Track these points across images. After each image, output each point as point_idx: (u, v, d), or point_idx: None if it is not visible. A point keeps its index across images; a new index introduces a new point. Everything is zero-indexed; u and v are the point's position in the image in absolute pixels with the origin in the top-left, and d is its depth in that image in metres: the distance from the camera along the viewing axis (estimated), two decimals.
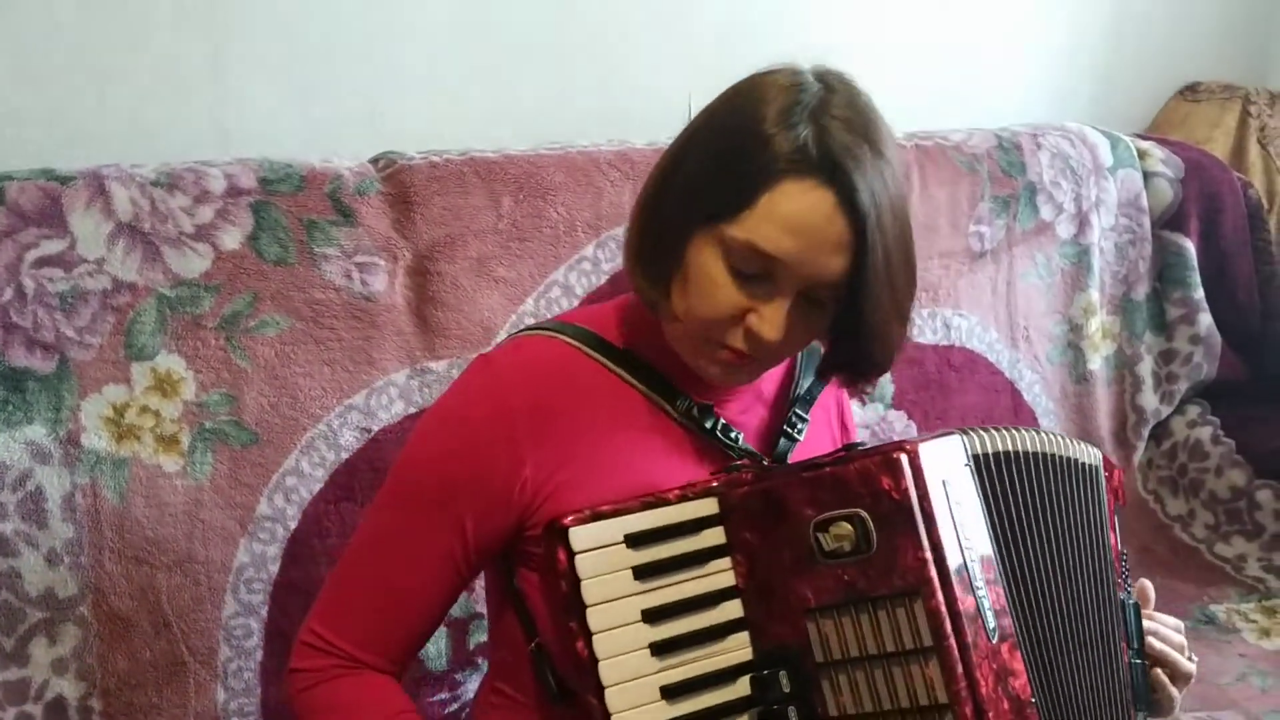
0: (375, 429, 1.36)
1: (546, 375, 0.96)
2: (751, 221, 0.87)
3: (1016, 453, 0.92)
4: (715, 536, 0.90)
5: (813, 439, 1.05)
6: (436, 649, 1.39)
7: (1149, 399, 1.93)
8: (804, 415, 1.03)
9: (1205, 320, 1.94)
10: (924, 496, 0.82)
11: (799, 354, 1.06)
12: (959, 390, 1.77)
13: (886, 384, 1.71)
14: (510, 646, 1.00)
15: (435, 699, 1.39)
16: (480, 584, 1.40)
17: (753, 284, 0.89)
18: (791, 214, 0.86)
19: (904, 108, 2.02)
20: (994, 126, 1.90)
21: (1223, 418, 1.95)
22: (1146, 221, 1.94)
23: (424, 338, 1.39)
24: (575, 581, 0.86)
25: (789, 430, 1.02)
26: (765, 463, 0.98)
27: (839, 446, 1.06)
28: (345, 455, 1.34)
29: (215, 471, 1.28)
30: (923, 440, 0.85)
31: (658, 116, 1.84)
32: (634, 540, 0.88)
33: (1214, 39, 2.47)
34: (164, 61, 1.47)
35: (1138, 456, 1.94)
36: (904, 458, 0.83)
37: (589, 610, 0.85)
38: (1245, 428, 1.93)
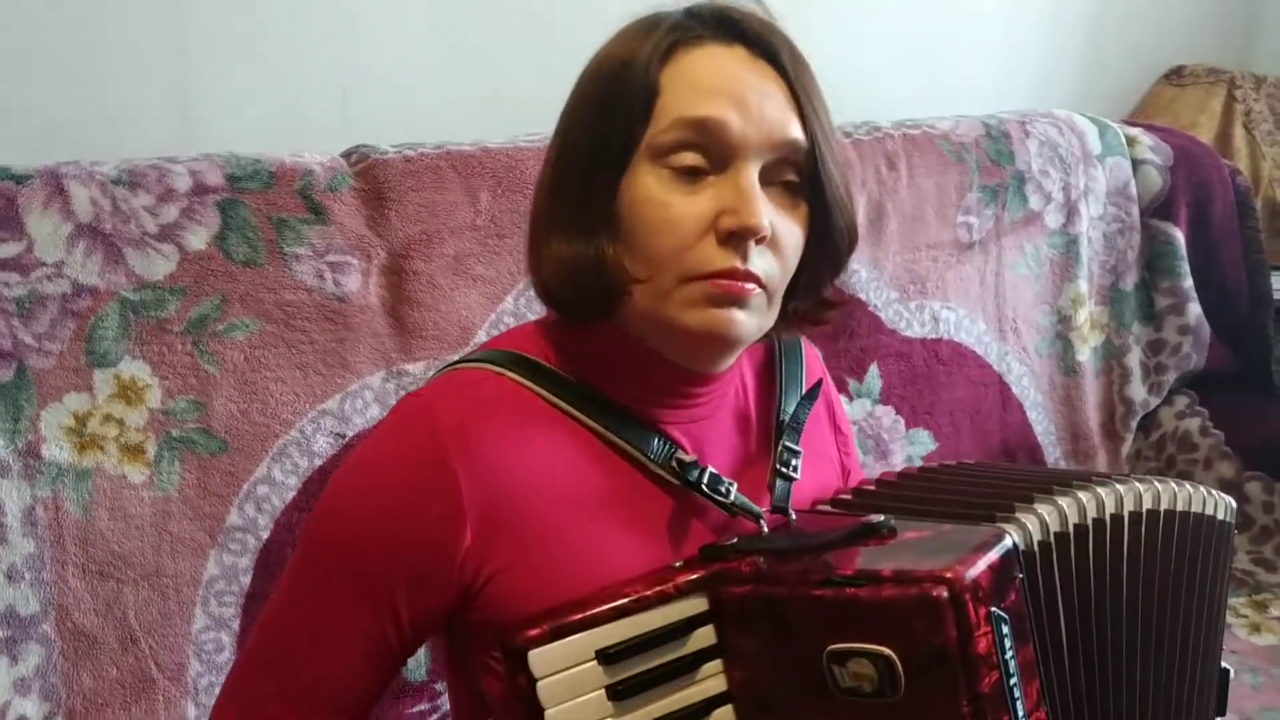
0: (350, 434, 1.31)
1: (486, 417, 0.79)
2: (666, 105, 0.76)
3: (1099, 520, 0.82)
4: (705, 637, 0.78)
5: (811, 464, 0.92)
6: (415, 660, 1.35)
7: (1137, 390, 1.91)
8: (795, 447, 0.89)
9: (1194, 310, 1.92)
10: (966, 642, 0.69)
11: (778, 373, 0.93)
12: (947, 384, 1.74)
13: (874, 379, 1.68)
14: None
15: (414, 710, 1.35)
16: None
17: (704, 182, 0.77)
18: (705, 73, 0.77)
19: (888, 91, 2.02)
20: (979, 113, 1.87)
21: (1211, 409, 1.94)
22: (1135, 210, 1.92)
23: (400, 339, 1.34)
24: (537, 709, 0.72)
25: (783, 470, 0.87)
26: (764, 524, 0.82)
27: (844, 490, 0.94)
28: (319, 462, 1.30)
29: (183, 481, 1.23)
30: (964, 560, 0.71)
31: None
32: (607, 657, 0.74)
33: (1199, 21, 2.45)
34: (124, 45, 1.41)
35: (1126, 448, 1.92)
36: (946, 596, 0.68)
37: None
38: (1234, 419, 1.92)
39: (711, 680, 0.78)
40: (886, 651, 0.70)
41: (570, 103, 0.84)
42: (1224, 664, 0.96)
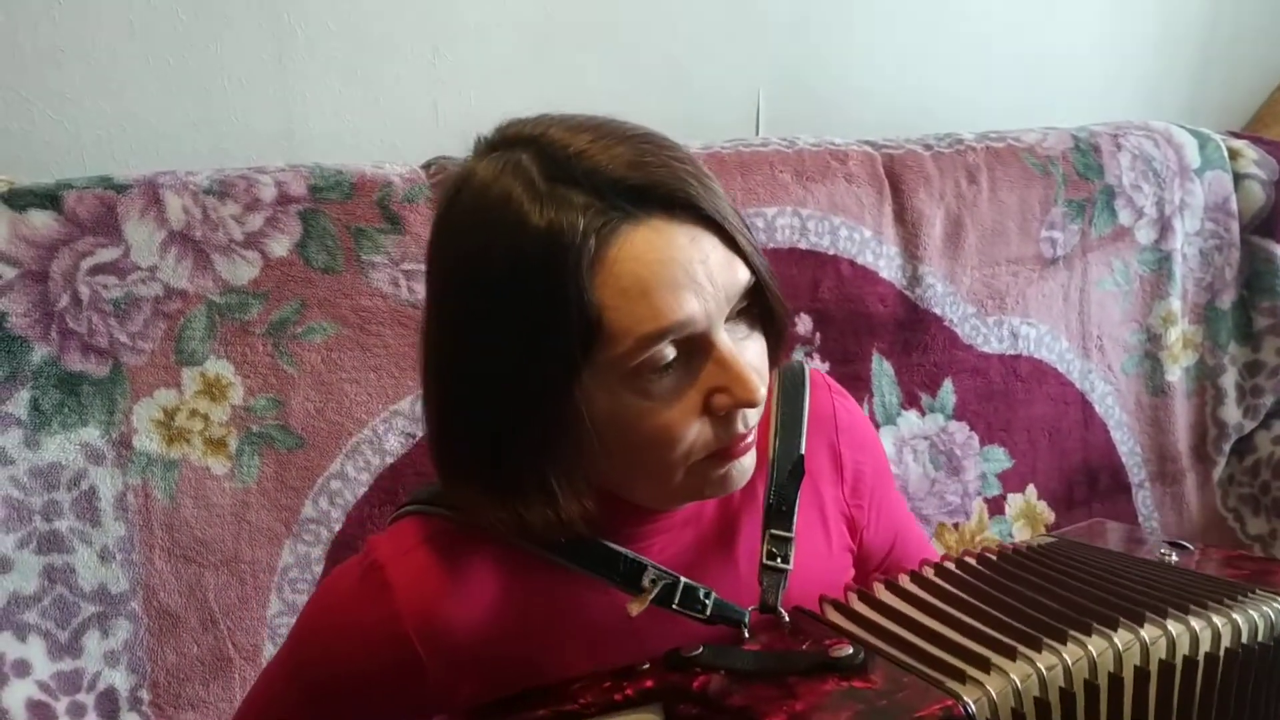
0: (419, 434, 1.37)
1: (444, 576, 0.77)
2: (615, 325, 0.67)
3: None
4: None
5: (812, 545, 0.86)
6: None
7: (1231, 412, 1.85)
8: (785, 534, 0.82)
9: None
10: None
11: (772, 443, 0.85)
12: (1025, 401, 1.72)
13: (948, 394, 1.67)
14: None
15: None
16: None
17: (683, 371, 0.70)
18: (642, 271, 0.67)
19: (982, 105, 1.99)
20: (1072, 126, 1.83)
21: None
22: (1235, 226, 1.85)
23: None
24: None
25: (769, 564, 0.80)
26: (746, 629, 0.77)
27: (850, 588, 0.84)
28: (390, 460, 1.36)
29: (262, 474, 1.31)
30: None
31: (722, 118, 1.84)
32: None
33: None
34: (231, 61, 1.51)
35: (1218, 472, 1.86)
36: None
37: None
38: None
39: None
40: None
41: (455, 321, 0.73)
42: None
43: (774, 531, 0.82)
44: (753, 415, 0.74)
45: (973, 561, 0.87)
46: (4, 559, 1.20)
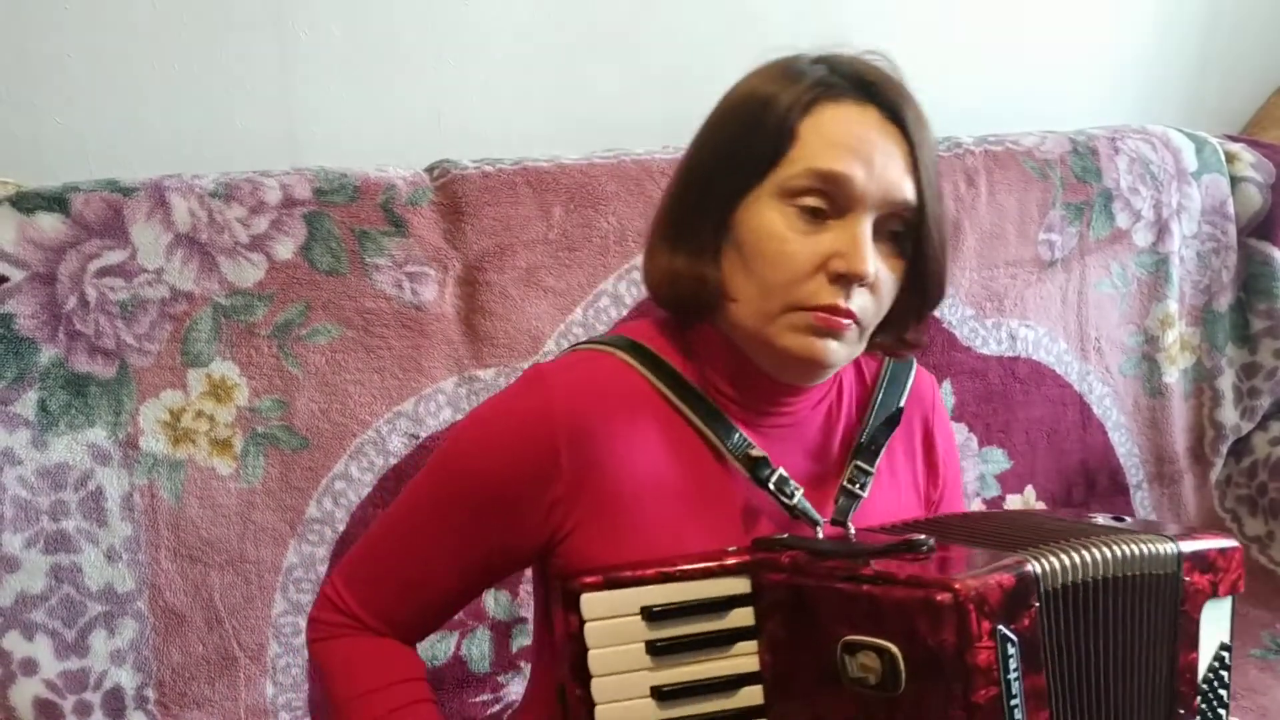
0: (423, 435, 1.38)
1: (598, 394, 0.90)
2: (801, 152, 0.84)
3: (1084, 583, 0.81)
4: (744, 617, 0.84)
5: (887, 489, 0.97)
6: (480, 651, 1.41)
7: (1229, 414, 1.86)
8: (867, 468, 0.94)
9: None
10: (965, 649, 0.72)
11: (875, 396, 0.99)
12: (1024, 403, 1.73)
13: (947, 395, 1.68)
14: (546, 669, 0.99)
15: (478, 699, 1.41)
16: (526, 587, 1.43)
17: (823, 225, 0.84)
18: (840, 130, 0.84)
19: (980, 111, 2.00)
20: (1070, 130, 1.84)
21: None
22: (1232, 229, 1.87)
23: (472, 346, 1.41)
24: (583, 649, 0.81)
25: (850, 487, 0.93)
26: (820, 531, 0.88)
27: (914, 519, 0.98)
28: (393, 461, 1.37)
29: (267, 475, 1.32)
30: (978, 576, 0.74)
31: None
32: (651, 614, 0.82)
33: None
34: (234, 67, 1.52)
35: (1215, 473, 1.87)
36: (948, 601, 0.72)
37: (593, 681, 0.82)
38: None
39: (745, 659, 0.84)
40: (891, 647, 0.75)
41: (706, 127, 0.92)
42: None
43: (859, 463, 0.94)
44: (859, 298, 0.85)
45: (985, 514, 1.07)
46: (12, 558, 1.21)
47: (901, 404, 0.99)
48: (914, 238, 0.88)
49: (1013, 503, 1.72)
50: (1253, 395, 1.87)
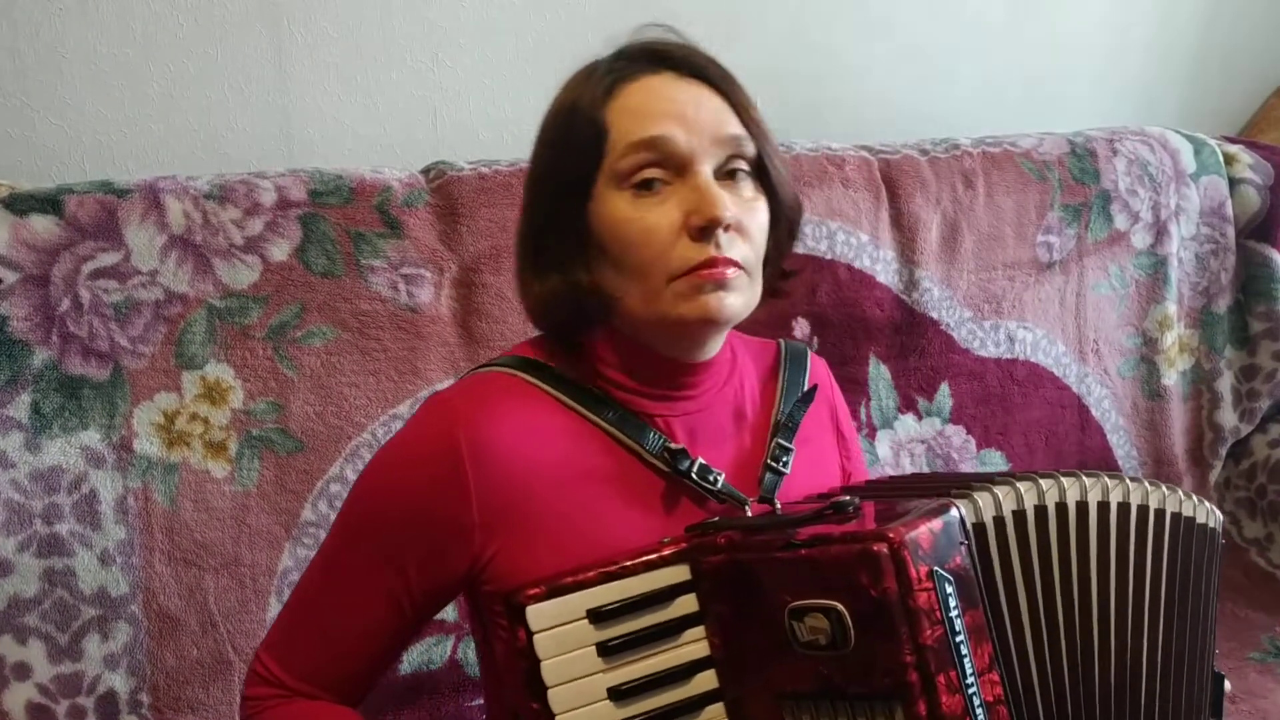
0: None
1: (499, 412, 0.89)
2: (617, 136, 0.86)
3: (1005, 517, 0.82)
4: (688, 604, 0.85)
5: (807, 464, 0.99)
6: (475, 656, 1.40)
7: (1228, 416, 1.85)
8: (787, 444, 0.97)
9: None
10: (907, 594, 0.74)
11: (780, 377, 1.02)
12: (1022, 405, 1.73)
13: (945, 398, 1.67)
14: (497, 701, 0.98)
15: (474, 704, 1.41)
16: None
17: (667, 191, 0.86)
18: (642, 100, 0.87)
19: (980, 113, 2.00)
20: (1068, 131, 1.84)
21: None
22: (1230, 231, 1.86)
23: (468, 348, 1.40)
24: (535, 662, 0.81)
25: (773, 465, 0.95)
26: (748, 510, 0.91)
27: (835, 488, 1.01)
28: None
29: (262, 478, 1.31)
30: (908, 524, 0.76)
31: None
32: (597, 616, 0.83)
33: None
34: (230, 67, 1.52)
35: (1214, 475, 1.87)
36: (885, 551, 0.74)
37: (550, 692, 0.81)
38: None
39: (694, 645, 0.86)
40: (837, 605, 0.77)
41: (534, 152, 0.94)
42: (1218, 670, 0.96)
43: (780, 441, 0.97)
44: (731, 246, 0.86)
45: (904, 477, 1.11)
46: (4, 562, 1.20)
47: (809, 382, 1.03)
48: (758, 169, 0.90)
49: None
50: (1252, 397, 1.86)
